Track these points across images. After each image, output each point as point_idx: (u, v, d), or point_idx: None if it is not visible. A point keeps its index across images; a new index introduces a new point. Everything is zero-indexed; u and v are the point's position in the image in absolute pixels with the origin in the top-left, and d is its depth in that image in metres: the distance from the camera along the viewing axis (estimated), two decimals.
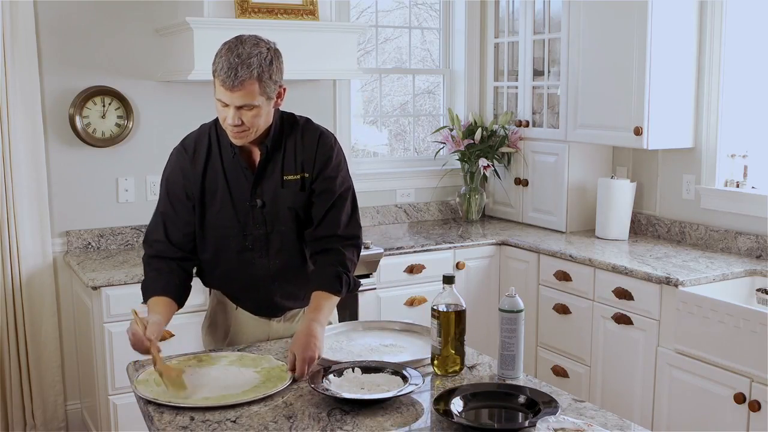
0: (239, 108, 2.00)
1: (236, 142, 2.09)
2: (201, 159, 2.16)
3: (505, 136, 4.27)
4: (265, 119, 2.07)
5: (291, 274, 2.23)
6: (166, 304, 2.10)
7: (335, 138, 2.24)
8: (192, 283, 2.23)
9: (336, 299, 2.17)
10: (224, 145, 2.15)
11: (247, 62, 1.96)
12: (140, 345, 1.91)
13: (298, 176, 2.16)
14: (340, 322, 2.39)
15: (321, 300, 2.12)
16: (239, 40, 2.03)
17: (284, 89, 2.10)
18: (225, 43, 2.04)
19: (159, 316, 2.04)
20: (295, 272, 2.23)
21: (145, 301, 2.14)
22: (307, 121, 2.23)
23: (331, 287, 2.14)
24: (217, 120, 2.16)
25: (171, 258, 2.17)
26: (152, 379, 1.91)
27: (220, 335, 2.35)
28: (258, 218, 2.17)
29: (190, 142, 2.21)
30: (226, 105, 2.01)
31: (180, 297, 2.15)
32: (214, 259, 2.23)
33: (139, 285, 2.19)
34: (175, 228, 2.18)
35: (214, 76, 2.02)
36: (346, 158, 2.28)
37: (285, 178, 2.15)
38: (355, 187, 2.28)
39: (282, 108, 2.20)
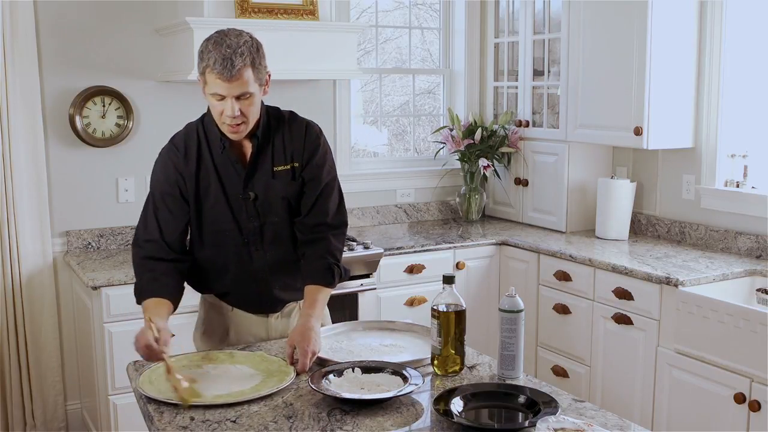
0: (237, 98, 2.02)
1: (233, 137, 2.11)
2: (193, 156, 2.16)
3: (505, 136, 4.26)
4: (256, 108, 2.10)
5: (287, 265, 2.25)
6: (164, 306, 2.08)
7: (320, 128, 2.27)
8: (186, 285, 2.23)
9: (329, 291, 2.21)
10: (213, 141, 2.16)
11: (239, 51, 1.99)
12: (154, 357, 1.92)
13: (289, 166, 2.18)
14: (340, 322, 2.39)
15: (315, 294, 2.16)
16: (221, 33, 2.04)
17: (269, 75, 2.12)
18: (208, 40, 2.04)
19: (164, 322, 2.01)
20: (290, 263, 2.25)
21: (139, 302, 2.12)
22: (292, 113, 2.26)
23: (324, 280, 2.18)
24: (203, 118, 2.19)
25: (165, 259, 2.14)
26: (167, 388, 1.84)
27: (215, 340, 2.33)
28: (251, 211, 2.18)
29: (180, 141, 2.19)
30: (222, 98, 2.02)
31: (176, 299, 2.13)
32: (212, 257, 2.23)
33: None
34: (169, 227, 2.16)
35: (203, 72, 2.03)
36: (332, 154, 2.31)
37: (275, 169, 2.17)
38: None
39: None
